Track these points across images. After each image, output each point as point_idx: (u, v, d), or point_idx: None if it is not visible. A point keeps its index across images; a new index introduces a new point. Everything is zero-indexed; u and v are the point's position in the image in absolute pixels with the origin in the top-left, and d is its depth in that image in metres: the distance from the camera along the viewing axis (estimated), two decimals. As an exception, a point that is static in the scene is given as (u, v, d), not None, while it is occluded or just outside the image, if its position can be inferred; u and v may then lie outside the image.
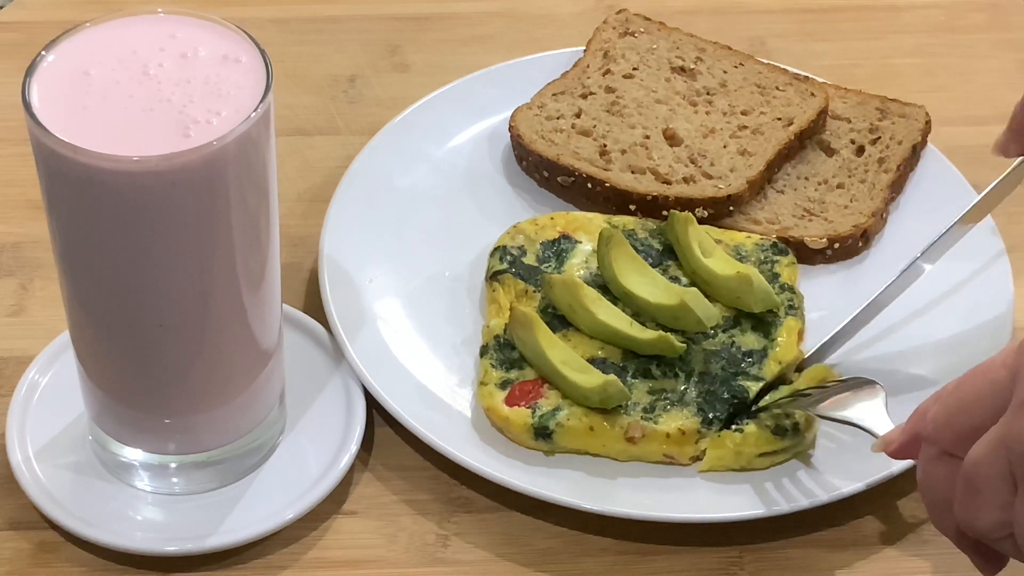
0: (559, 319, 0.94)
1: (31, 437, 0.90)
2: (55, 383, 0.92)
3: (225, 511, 0.87)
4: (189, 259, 0.79)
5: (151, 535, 0.86)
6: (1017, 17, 1.22)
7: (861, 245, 1.02)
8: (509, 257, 0.98)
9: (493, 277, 0.97)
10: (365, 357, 0.93)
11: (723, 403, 0.90)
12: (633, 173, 1.04)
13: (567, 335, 0.94)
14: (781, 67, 1.12)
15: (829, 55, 1.18)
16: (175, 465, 0.88)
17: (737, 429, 0.89)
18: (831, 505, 0.88)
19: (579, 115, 1.08)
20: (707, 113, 1.08)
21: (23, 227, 1.03)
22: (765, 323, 0.94)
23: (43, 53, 0.79)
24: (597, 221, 1.00)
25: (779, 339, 0.94)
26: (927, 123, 1.08)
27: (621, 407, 0.90)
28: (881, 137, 1.07)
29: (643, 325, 0.93)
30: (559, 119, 1.08)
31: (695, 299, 0.93)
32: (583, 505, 0.87)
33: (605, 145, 1.06)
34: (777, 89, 1.10)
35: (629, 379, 0.91)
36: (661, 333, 0.92)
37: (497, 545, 0.88)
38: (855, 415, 0.86)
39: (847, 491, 0.88)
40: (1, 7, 1.22)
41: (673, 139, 1.06)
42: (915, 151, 1.07)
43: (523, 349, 0.92)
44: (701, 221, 1.00)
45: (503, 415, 0.90)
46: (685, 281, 0.97)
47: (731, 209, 1.03)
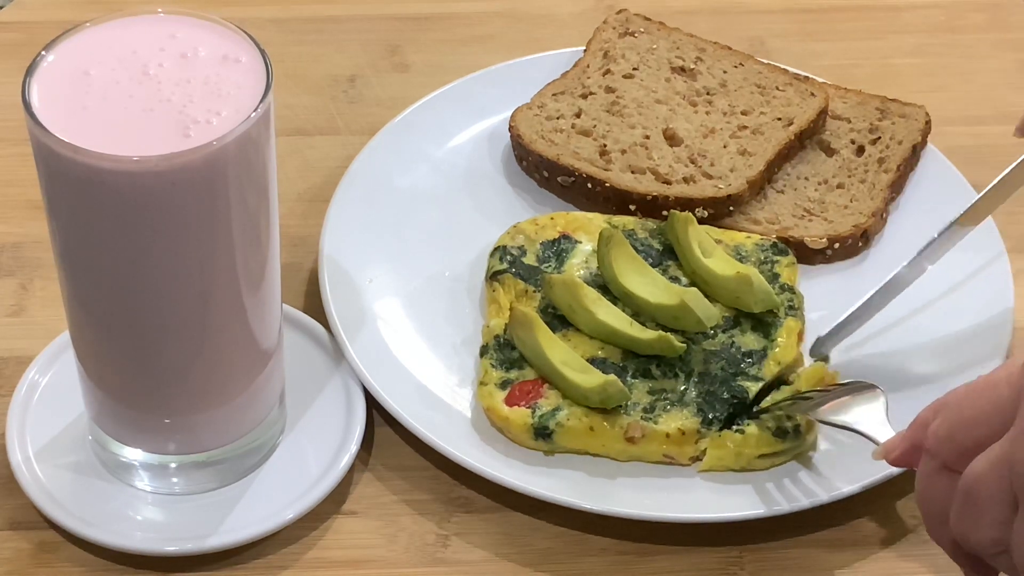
0: (559, 319, 0.94)
1: (31, 437, 0.90)
2: (55, 383, 0.92)
3: (225, 511, 0.87)
4: (189, 259, 0.79)
5: (151, 535, 0.86)
6: (1017, 17, 1.22)
7: (861, 245, 1.02)
8: (509, 257, 0.98)
9: (493, 277, 0.97)
10: (365, 357, 0.93)
11: (723, 403, 0.90)
12: (633, 173, 1.04)
13: (567, 335, 0.94)
14: (781, 67, 1.12)
15: (829, 55, 1.18)
16: (175, 465, 0.88)
17: (738, 430, 0.89)
18: (831, 505, 0.88)
19: (579, 115, 1.08)
20: (707, 113, 1.08)
21: (23, 227, 1.03)
22: (765, 323, 0.94)
23: (43, 53, 0.79)
24: (597, 221, 1.00)
25: (779, 340, 0.94)
26: (927, 123, 1.08)
27: (621, 407, 0.90)
28: (881, 137, 1.07)
29: (643, 325, 0.93)
30: (559, 119, 1.08)
31: (695, 299, 0.93)
32: (583, 505, 0.87)
33: (605, 145, 1.06)
34: (777, 89, 1.10)
35: (629, 379, 0.91)
36: (661, 333, 0.92)
37: (497, 545, 0.88)
38: (855, 421, 0.86)
39: (847, 491, 0.88)
40: (1, 7, 1.22)
41: (673, 139, 1.06)
42: (915, 151, 1.07)
43: (523, 349, 0.93)
44: (701, 221, 1.00)
45: (503, 415, 0.90)
46: (685, 281, 0.97)
47: (731, 209, 1.03)
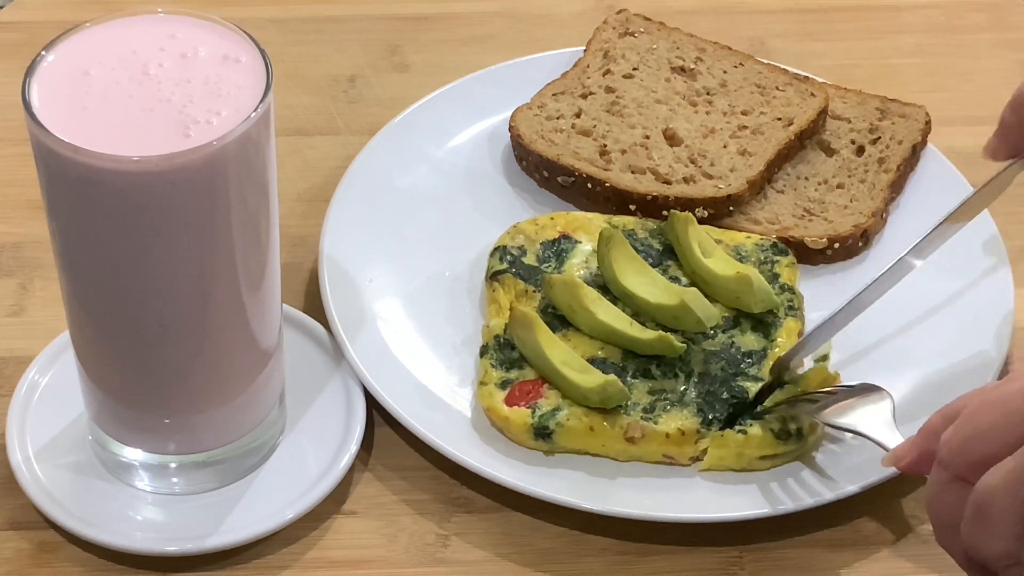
0: (559, 319, 0.94)
1: (31, 437, 0.90)
2: (55, 383, 0.92)
3: (225, 511, 0.87)
4: (189, 259, 0.79)
5: (151, 535, 0.86)
6: (1017, 17, 1.22)
7: (861, 245, 1.02)
8: (509, 257, 0.98)
9: (493, 277, 0.97)
10: (365, 357, 0.93)
11: (723, 404, 0.90)
12: (633, 173, 1.04)
13: (567, 335, 0.94)
14: (781, 67, 1.12)
15: (829, 55, 1.18)
16: (175, 465, 0.88)
17: (740, 430, 0.89)
18: (831, 505, 0.88)
19: (579, 115, 1.08)
20: (707, 113, 1.08)
21: (23, 227, 1.03)
22: (765, 324, 0.94)
23: (43, 53, 0.79)
24: (597, 221, 1.00)
25: (779, 340, 0.94)
26: (927, 123, 1.08)
27: (621, 407, 0.90)
28: (881, 137, 1.07)
29: (643, 325, 0.93)
30: (559, 119, 1.08)
31: (695, 299, 0.93)
32: (583, 505, 0.87)
33: (605, 145, 1.06)
34: (777, 89, 1.10)
35: (629, 379, 0.91)
36: (661, 333, 0.92)
37: (497, 545, 0.88)
38: (861, 424, 0.85)
39: (847, 491, 0.88)
40: (1, 7, 1.22)
41: (673, 139, 1.06)
42: (915, 151, 1.07)
43: (523, 349, 0.93)
44: (701, 221, 1.00)
45: (503, 415, 0.90)
46: (685, 281, 0.97)
47: (731, 209, 1.03)
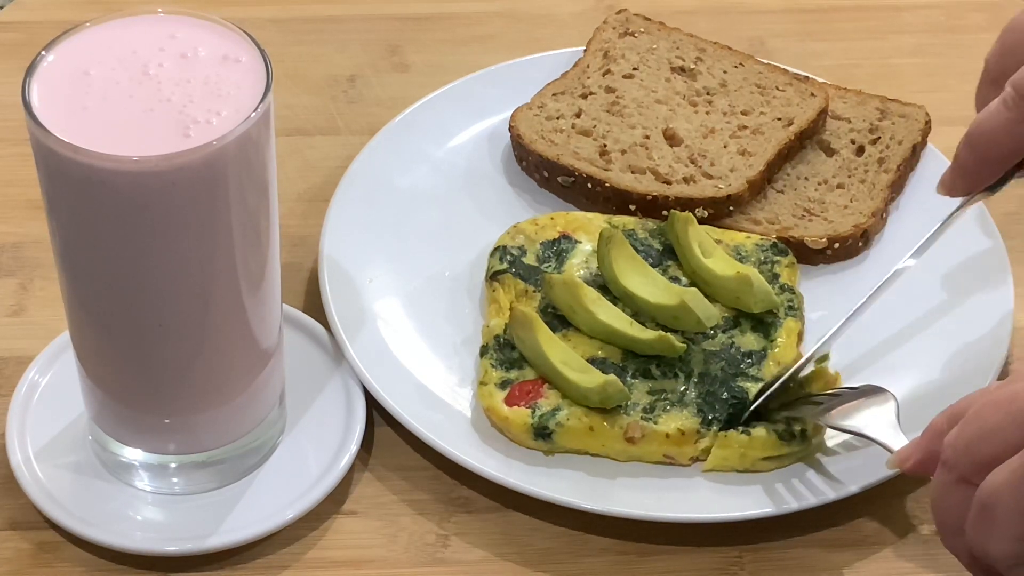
0: (559, 319, 0.94)
1: (31, 437, 0.90)
2: (55, 383, 0.92)
3: (225, 511, 0.87)
4: (189, 259, 0.79)
5: (151, 535, 0.86)
6: (1017, 17, 1.22)
7: (861, 245, 1.02)
8: (509, 257, 0.98)
9: (493, 277, 0.97)
10: (365, 357, 0.93)
11: (722, 404, 0.90)
12: (633, 173, 1.04)
13: (567, 335, 0.94)
14: (781, 67, 1.12)
15: (829, 55, 1.18)
16: (175, 465, 0.88)
17: (744, 431, 0.89)
18: (831, 505, 0.88)
19: (579, 115, 1.08)
20: (707, 113, 1.08)
21: (23, 227, 1.03)
22: (765, 324, 0.94)
23: (43, 53, 0.79)
24: (597, 221, 1.00)
25: (778, 340, 0.94)
26: (927, 123, 1.08)
27: (621, 407, 0.90)
28: (881, 137, 1.07)
29: (643, 325, 0.93)
30: (559, 119, 1.08)
31: (695, 299, 0.93)
32: (583, 505, 0.87)
33: (605, 145, 1.06)
34: (777, 89, 1.10)
35: (629, 379, 0.91)
36: (661, 333, 0.92)
37: (497, 545, 0.88)
38: (865, 426, 0.85)
39: (848, 491, 0.88)
40: (1, 7, 1.22)
41: (673, 139, 1.06)
42: (915, 151, 1.07)
43: (523, 349, 0.93)
44: (701, 221, 1.00)
45: (503, 415, 0.90)
46: (685, 281, 0.97)
47: (731, 209, 1.03)
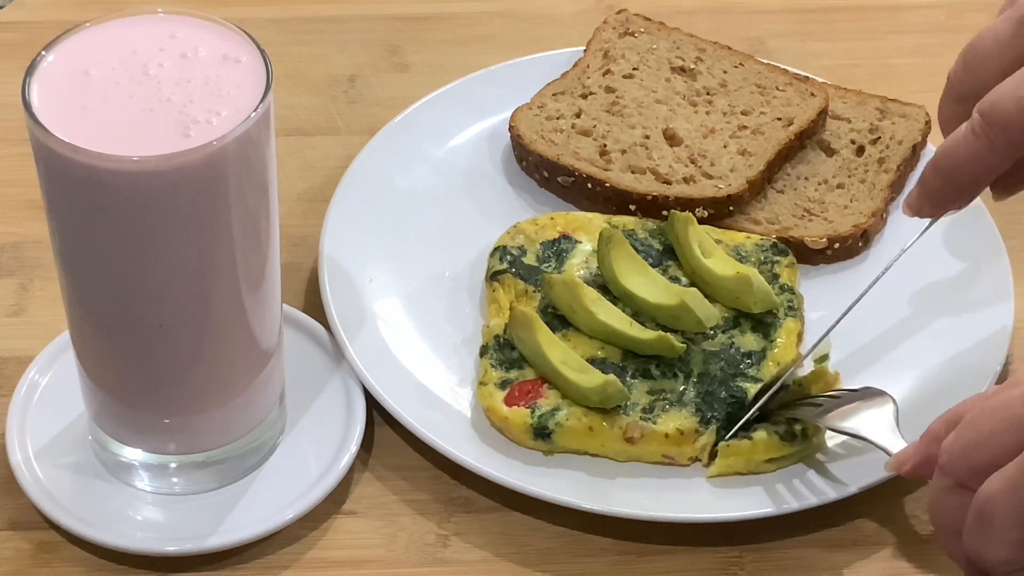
0: (559, 319, 0.94)
1: (31, 437, 0.90)
2: (55, 383, 0.92)
3: (225, 511, 0.87)
4: (189, 259, 0.79)
5: (151, 535, 0.86)
6: (1017, 17, 1.22)
7: (861, 245, 1.02)
8: (509, 257, 0.98)
9: (493, 277, 0.97)
10: (365, 357, 0.93)
11: (722, 404, 0.90)
12: (633, 173, 1.04)
13: (567, 335, 0.94)
14: (781, 67, 1.12)
15: (829, 55, 1.19)
16: (175, 465, 0.88)
17: (746, 436, 0.89)
18: (831, 505, 0.88)
19: (579, 115, 1.08)
20: (707, 113, 1.08)
21: (23, 227, 1.03)
22: (765, 324, 0.94)
23: (43, 53, 0.79)
24: (597, 221, 1.00)
25: (778, 340, 0.94)
26: (927, 123, 1.08)
27: (620, 407, 0.90)
28: (881, 137, 1.07)
29: (643, 325, 0.93)
30: (559, 119, 1.08)
31: (695, 299, 0.93)
32: (583, 505, 0.87)
33: (605, 145, 1.06)
34: (777, 89, 1.10)
35: (628, 379, 0.91)
36: (661, 333, 0.92)
37: (497, 545, 0.88)
38: (864, 428, 0.85)
39: (848, 491, 0.88)
40: (1, 7, 1.22)
41: (673, 139, 1.06)
42: (915, 151, 1.07)
43: (523, 349, 0.93)
44: (701, 221, 1.00)
45: (503, 415, 0.90)
46: (685, 281, 0.97)
47: (731, 209, 1.03)
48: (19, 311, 0.99)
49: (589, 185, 1.04)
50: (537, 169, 1.06)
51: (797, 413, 0.89)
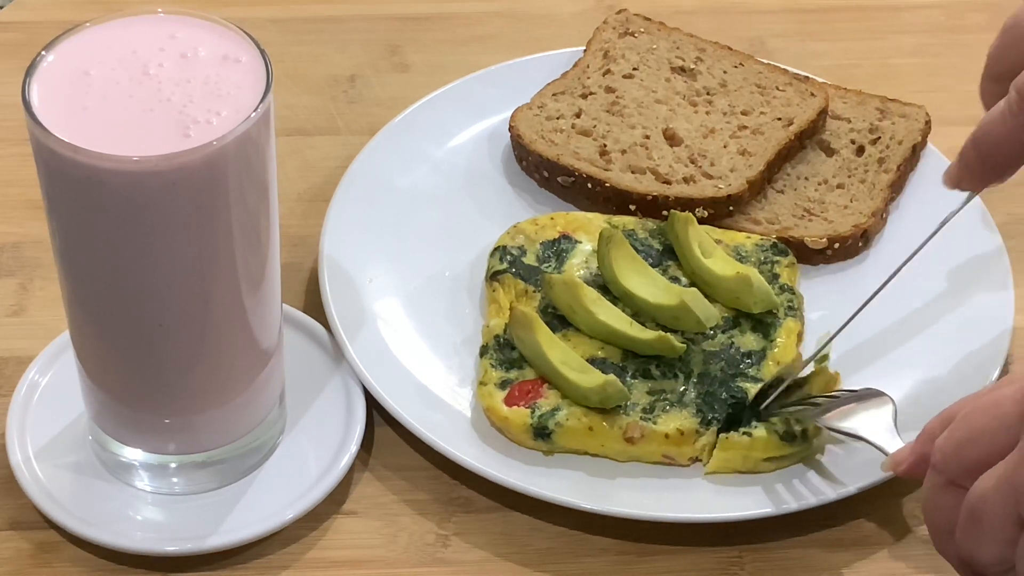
0: (559, 319, 0.94)
1: (31, 437, 0.90)
2: (55, 383, 0.92)
3: (225, 511, 0.87)
4: (189, 259, 0.79)
5: (151, 535, 0.86)
6: (1017, 17, 1.22)
7: (861, 245, 1.02)
8: (509, 257, 0.98)
9: (493, 277, 0.97)
10: (365, 357, 0.93)
11: (722, 404, 0.90)
12: (633, 173, 1.04)
13: (567, 335, 0.94)
14: (781, 67, 1.12)
15: (829, 55, 1.19)
16: (175, 465, 0.88)
17: (745, 432, 0.89)
18: (831, 505, 0.88)
19: (579, 115, 1.08)
20: (707, 113, 1.08)
21: (23, 227, 1.03)
22: (765, 324, 0.94)
23: (43, 53, 0.79)
24: (597, 221, 1.00)
25: (778, 340, 0.94)
26: (927, 123, 1.08)
27: (620, 407, 0.90)
28: (881, 137, 1.07)
29: (643, 325, 0.93)
30: (559, 119, 1.08)
31: (695, 299, 0.93)
32: (583, 505, 0.87)
33: (605, 145, 1.06)
34: (777, 89, 1.10)
35: (628, 379, 0.91)
36: (661, 333, 0.92)
37: (497, 545, 0.88)
38: (862, 428, 0.85)
39: (847, 491, 0.88)
40: (1, 7, 1.22)
41: (673, 139, 1.07)
42: (915, 151, 1.07)
43: (523, 349, 0.93)
44: (701, 221, 1.00)
45: (503, 415, 0.90)
46: (685, 281, 0.97)
47: (731, 209, 1.03)
48: (19, 311, 0.99)
49: (589, 185, 1.04)
50: (537, 169, 1.06)
51: (797, 413, 0.89)
